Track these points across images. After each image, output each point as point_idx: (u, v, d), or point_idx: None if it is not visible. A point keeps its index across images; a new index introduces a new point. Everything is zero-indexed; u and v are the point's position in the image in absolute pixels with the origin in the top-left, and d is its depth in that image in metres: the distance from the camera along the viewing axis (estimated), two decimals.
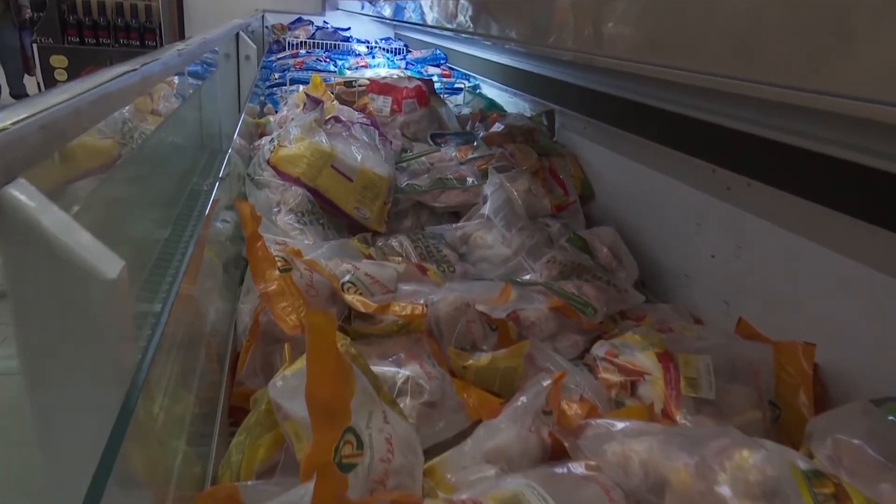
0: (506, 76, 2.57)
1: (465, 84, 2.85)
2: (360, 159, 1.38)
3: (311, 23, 4.29)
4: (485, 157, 1.66)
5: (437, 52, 3.30)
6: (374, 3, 3.03)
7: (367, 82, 2.32)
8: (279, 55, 3.33)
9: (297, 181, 1.28)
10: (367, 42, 3.85)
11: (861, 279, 1.00)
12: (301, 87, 2.46)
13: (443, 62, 3.24)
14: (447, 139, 1.84)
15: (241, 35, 2.30)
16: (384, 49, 3.63)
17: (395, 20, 2.91)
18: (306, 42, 3.68)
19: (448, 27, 2.53)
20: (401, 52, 3.59)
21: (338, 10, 4.84)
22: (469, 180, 1.46)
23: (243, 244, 1.07)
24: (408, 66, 3.08)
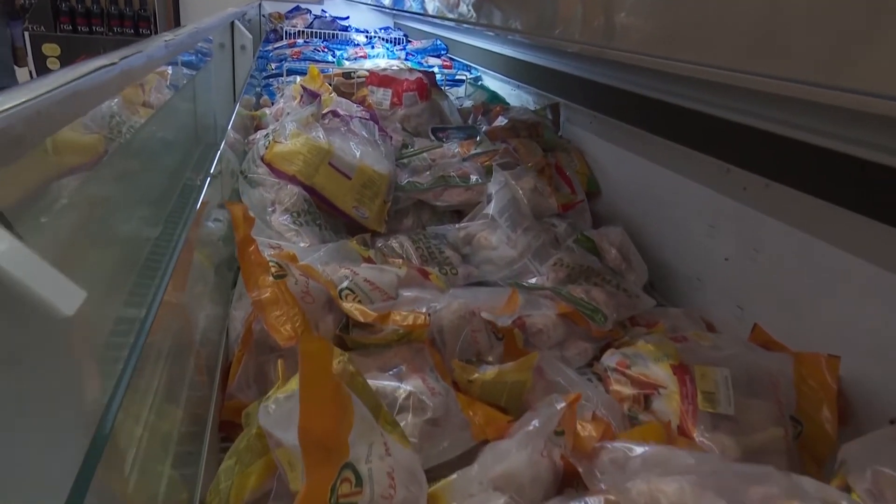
0: (509, 68, 2.50)
1: (467, 76, 2.78)
2: (358, 156, 1.32)
3: (309, 11, 4.20)
4: (488, 153, 1.60)
5: (438, 42, 3.23)
6: None
7: (367, 74, 2.26)
8: (276, 45, 3.26)
9: (292, 179, 1.22)
10: (366, 32, 3.77)
11: (885, 286, 0.95)
12: (298, 79, 2.40)
13: (443, 53, 3.17)
14: (449, 134, 1.78)
15: (236, 24, 2.22)
16: (383, 39, 3.55)
17: (395, 9, 2.84)
18: (304, 31, 3.60)
19: (449, 17, 2.46)
20: (400, 43, 3.52)
21: None
22: (473, 178, 1.40)
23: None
24: (408, 57, 3.01)
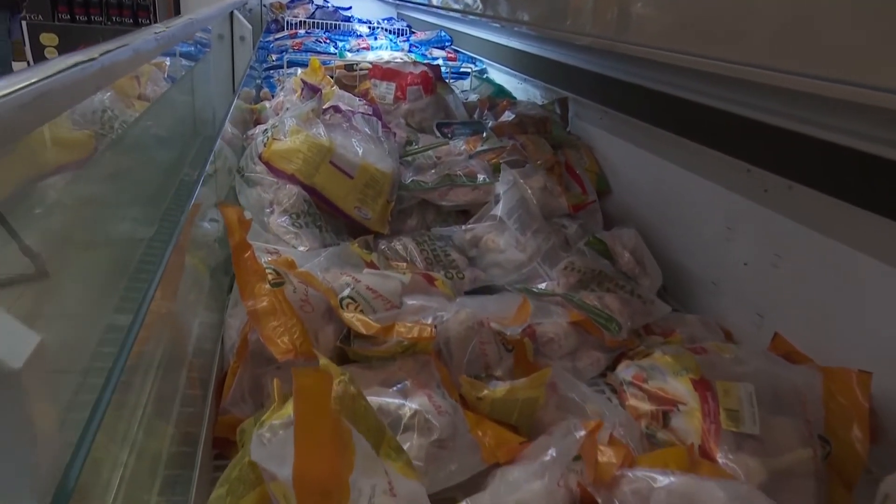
0: (515, 60, 2.43)
1: (472, 68, 2.71)
2: (361, 154, 1.26)
3: (311, 1, 4.12)
4: (495, 150, 1.54)
5: (442, 33, 3.16)
6: None
7: (369, 66, 2.19)
8: (277, 35, 3.19)
9: (291, 178, 1.16)
10: (369, 22, 3.70)
11: None
12: (299, 71, 2.33)
13: (448, 44, 3.10)
14: (454, 129, 1.72)
15: (235, 14, 2.16)
16: (386, 30, 3.48)
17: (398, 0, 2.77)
18: (305, 22, 3.52)
19: (454, 8, 2.39)
20: (404, 34, 3.44)
21: None
22: (480, 177, 1.34)
23: None
24: (411, 49, 2.94)
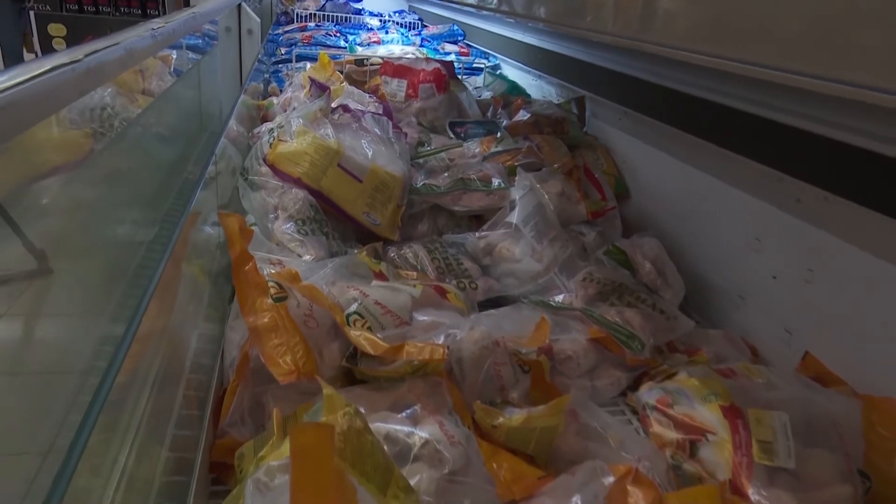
0: (530, 56, 2.36)
1: (485, 64, 2.64)
2: (371, 156, 1.20)
3: None
4: (510, 152, 1.47)
5: (455, 27, 3.09)
6: None
7: (380, 61, 2.13)
8: (287, 28, 3.13)
9: (298, 182, 1.11)
10: (380, 15, 3.63)
11: None
12: (308, 65, 2.27)
13: (460, 39, 3.03)
14: (467, 129, 1.66)
15: (243, 6, 2.10)
16: (398, 23, 3.41)
17: None
18: (315, 14, 3.46)
19: (468, 2, 2.32)
20: (416, 27, 3.38)
21: None
22: (495, 182, 1.28)
23: None
24: (423, 43, 2.87)
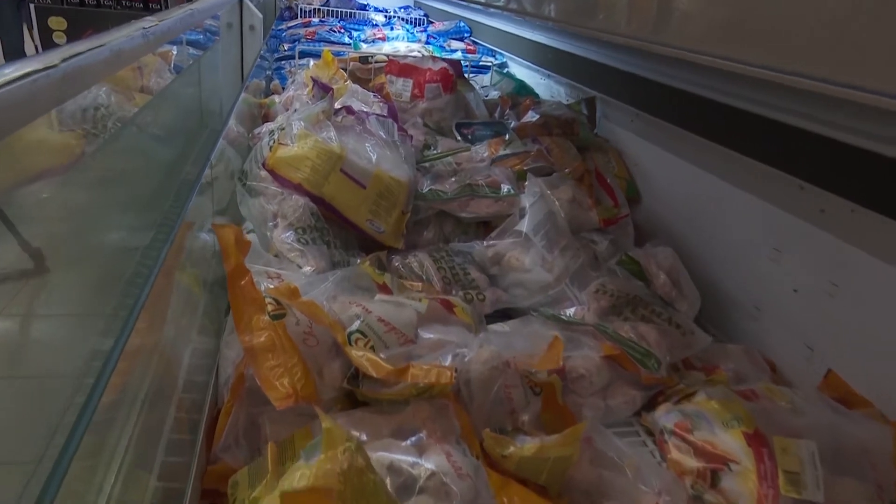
0: (538, 55, 2.31)
1: (492, 61, 2.59)
2: (375, 160, 1.15)
3: None
4: (519, 155, 1.42)
5: (461, 24, 3.03)
6: None
7: (385, 59, 2.08)
8: (290, 23, 3.08)
9: (298, 188, 1.06)
10: (385, 11, 3.57)
11: None
12: (311, 63, 2.22)
13: (467, 36, 2.97)
14: (475, 130, 1.60)
15: (245, 2, 2.05)
16: (403, 19, 3.36)
17: None
18: (320, 10, 3.41)
19: None
20: (421, 24, 3.32)
21: None
22: (504, 188, 1.23)
23: None
24: (429, 40, 2.82)
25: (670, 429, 0.86)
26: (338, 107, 1.35)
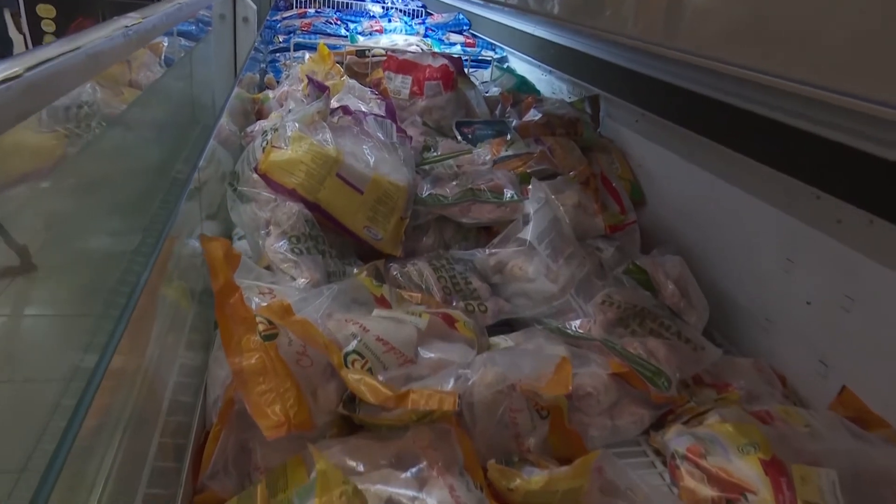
0: (540, 50, 2.25)
1: (493, 56, 2.53)
2: (373, 163, 1.10)
3: None
4: (522, 157, 1.38)
5: (460, 16, 2.96)
6: None
7: (382, 53, 2.02)
8: (285, 14, 3.00)
9: (292, 194, 1.01)
10: (383, 2, 3.50)
11: None
12: (307, 56, 2.16)
13: (466, 28, 2.91)
14: (475, 129, 1.55)
15: None
16: (401, 11, 3.29)
17: None
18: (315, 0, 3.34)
19: None
20: (419, 15, 3.25)
21: None
22: (507, 193, 1.18)
23: None
24: (427, 32, 2.76)
25: (682, 453, 0.82)
26: (334, 105, 1.30)
